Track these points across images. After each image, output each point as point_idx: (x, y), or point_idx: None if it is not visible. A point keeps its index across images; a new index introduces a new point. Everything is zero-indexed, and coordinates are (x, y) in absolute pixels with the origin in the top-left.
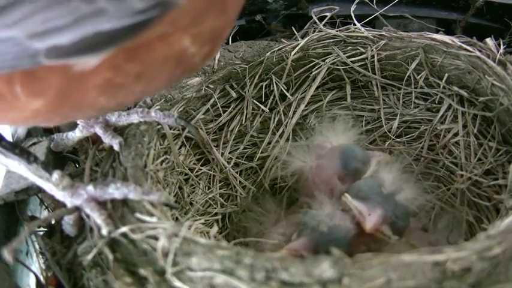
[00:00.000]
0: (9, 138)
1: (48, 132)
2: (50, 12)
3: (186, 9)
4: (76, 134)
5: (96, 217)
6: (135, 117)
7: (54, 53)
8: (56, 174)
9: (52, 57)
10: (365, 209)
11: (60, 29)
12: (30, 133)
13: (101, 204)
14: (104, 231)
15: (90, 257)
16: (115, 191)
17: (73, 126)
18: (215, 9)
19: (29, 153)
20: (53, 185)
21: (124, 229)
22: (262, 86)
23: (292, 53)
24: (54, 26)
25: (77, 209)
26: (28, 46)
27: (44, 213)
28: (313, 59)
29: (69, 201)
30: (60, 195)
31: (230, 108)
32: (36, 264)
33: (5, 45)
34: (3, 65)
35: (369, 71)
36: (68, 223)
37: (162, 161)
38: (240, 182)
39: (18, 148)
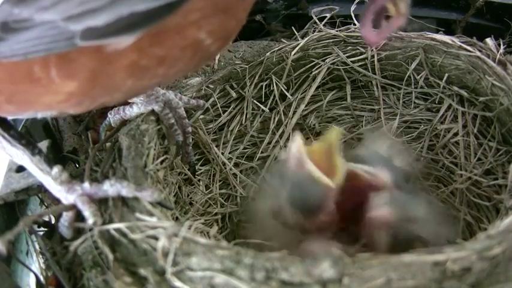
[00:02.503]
0: None
1: (47, 132)
2: None
3: (196, 6)
4: (134, 109)
5: (85, 209)
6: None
7: (90, 35)
8: (56, 168)
9: (87, 38)
10: (372, 169)
11: (96, 10)
12: (29, 132)
13: (98, 201)
14: (90, 221)
15: (78, 242)
16: (109, 188)
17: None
18: (224, 8)
19: (34, 146)
20: (51, 178)
21: (118, 225)
22: (262, 86)
23: (292, 53)
24: (90, 8)
25: (74, 207)
26: (64, 29)
27: None
28: (313, 59)
29: (65, 196)
30: (56, 189)
31: (230, 108)
32: (36, 264)
33: (42, 28)
34: (40, 48)
35: (369, 71)
36: (64, 225)
37: (162, 161)
38: (240, 181)
39: (25, 139)
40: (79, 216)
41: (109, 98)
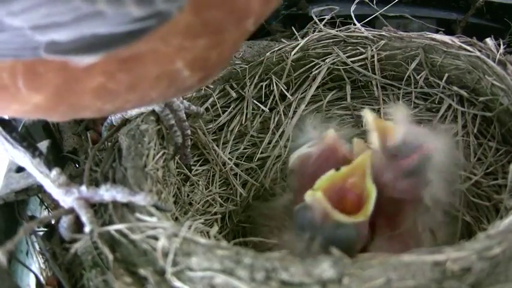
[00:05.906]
0: None
1: (47, 132)
2: (53, 7)
3: (177, 27)
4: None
5: (82, 214)
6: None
7: (53, 49)
8: (54, 171)
9: (51, 52)
10: None
11: (60, 25)
12: (29, 132)
13: (97, 204)
14: (87, 229)
15: (78, 243)
16: (105, 192)
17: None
18: (210, 36)
19: (35, 148)
20: (50, 181)
21: (118, 226)
22: (262, 86)
23: (292, 53)
24: (55, 22)
25: (73, 211)
26: (31, 38)
27: (44, 213)
28: (313, 59)
29: (62, 199)
30: (55, 192)
31: (230, 108)
32: (36, 264)
33: (11, 33)
34: (8, 53)
35: (368, 71)
36: (63, 226)
37: (162, 161)
38: (240, 181)
39: (26, 141)
40: (78, 218)
41: (79, 115)
